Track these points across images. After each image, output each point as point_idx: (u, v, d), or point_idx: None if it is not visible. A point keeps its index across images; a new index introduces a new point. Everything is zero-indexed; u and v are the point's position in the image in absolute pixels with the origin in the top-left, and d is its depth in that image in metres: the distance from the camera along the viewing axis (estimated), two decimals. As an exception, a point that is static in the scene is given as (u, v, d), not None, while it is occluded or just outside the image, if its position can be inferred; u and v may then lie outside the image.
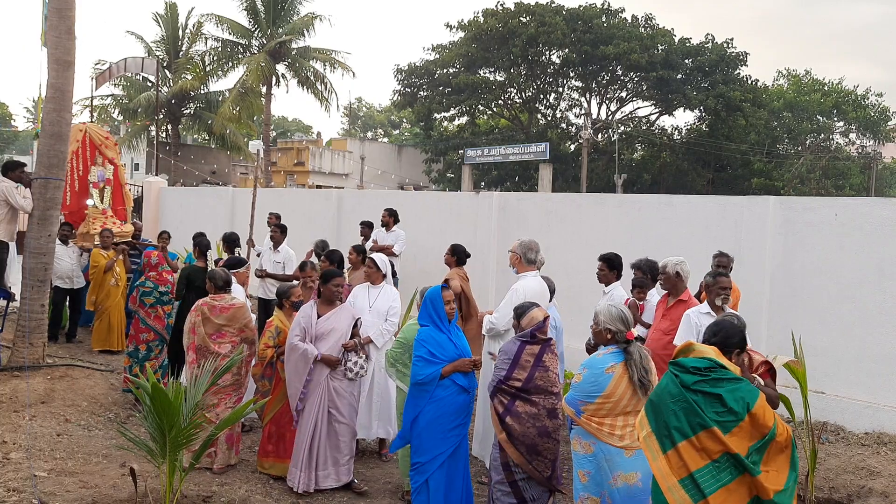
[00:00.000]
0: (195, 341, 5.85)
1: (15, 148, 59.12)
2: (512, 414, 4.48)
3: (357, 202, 13.11)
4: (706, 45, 35.05)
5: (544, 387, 4.50)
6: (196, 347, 5.84)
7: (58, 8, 7.90)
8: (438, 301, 4.91)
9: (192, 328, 5.89)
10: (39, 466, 5.36)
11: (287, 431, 5.68)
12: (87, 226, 10.63)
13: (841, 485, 5.56)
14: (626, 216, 9.01)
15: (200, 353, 5.79)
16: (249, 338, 6.02)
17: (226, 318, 5.91)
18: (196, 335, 5.85)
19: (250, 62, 29.53)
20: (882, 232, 7.02)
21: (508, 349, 4.62)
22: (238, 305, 6.03)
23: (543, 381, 4.51)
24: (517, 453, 4.47)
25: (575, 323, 7.52)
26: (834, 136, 38.61)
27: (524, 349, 4.55)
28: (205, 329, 5.86)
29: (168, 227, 14.16)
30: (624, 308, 4.24)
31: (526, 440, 4.46)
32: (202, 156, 39.64)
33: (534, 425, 4.46)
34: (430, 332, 4.86)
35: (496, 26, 35.74)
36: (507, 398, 4.51)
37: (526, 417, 4.46)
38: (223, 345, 5.85)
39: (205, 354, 5.72)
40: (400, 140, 60.33)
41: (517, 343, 4.60)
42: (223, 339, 5.88)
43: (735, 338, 3.69)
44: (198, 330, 5.85)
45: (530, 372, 4.49)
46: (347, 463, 5.56)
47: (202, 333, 5.84)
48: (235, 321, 5.94)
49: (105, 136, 11.35)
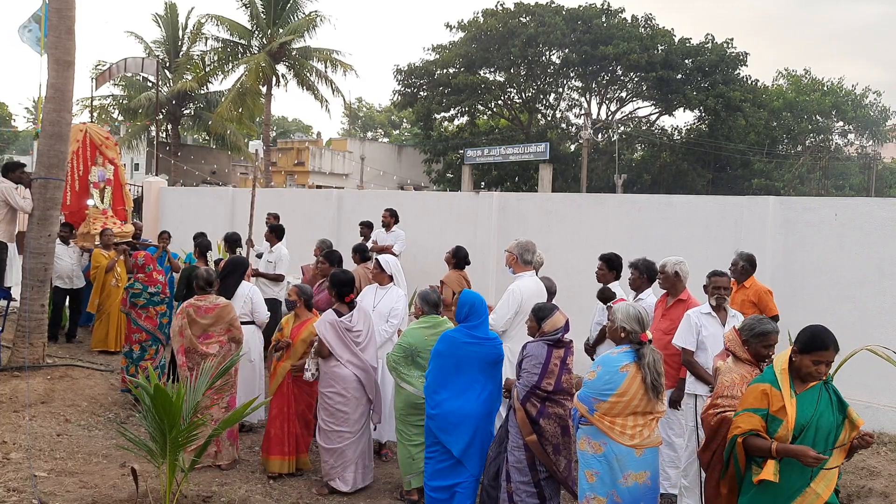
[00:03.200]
0: (183, 344, 5.84)
1: (15, 148, 59.07)
2: (545, 416, 4.58)
3: (357, 202, 13.11)
4: (706, 46, 35.01)
5: (568, 388, 4.64)
6: (185, 350, 5.83)
7: (58, 8, 7.90)
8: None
9: (179, 331, 5.87)
10: (39, 466, 5.36)
11: (272, 427, 5.80)
12: (87, 226, 10.63)
13: (841, 485, 5.54)
14: (626, 216, 9.00)
15: (189, 355, 5.79)
16: (236, 337, 6.02)
17: (211, 318, 5.90)
18: (184, 338, 5.84)
19: (250, 62, 29.51)
20: (882, 232, 7.02)
21: (536, 353, 4.66)
22: (222, 305, 6.01)
23: (567, 383, 4.65)
24: (544, 453, 4.58)
25: (575, 323, 7.44)
26: (833, 137, 38.60)
27: (552, 353, 4.64)
28: (192, 331, 5.85)
29: (168, 227, 14.15)
30: (642, 309, 4.24)
31: (553, 440, 4.59)
32: (202, 156, 39.65)
33: (559, 425, 4.61)
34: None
35: (496, 26, 35.72)
36: (539, 402, 4.60)
37: (555, 418, 4.60)
38: (211, 345, 5.85)
39: (193, 357, 5.73)
40: (400, 140, 60.31)
41: (544, 347, 4.66)
42: (210, 340, 5.88)
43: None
44: (185, 333, 5.85)
45: (558, 376, 4.61)
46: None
47: (189, 336, 5.84)
48: (221, 320, 5.93)
49: (105, 137, 11.35)
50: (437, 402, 4.92)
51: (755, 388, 3.48)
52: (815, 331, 3.47)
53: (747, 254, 6.52)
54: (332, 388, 5.51)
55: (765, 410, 3.40)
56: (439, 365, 4.94)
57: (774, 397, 3.39)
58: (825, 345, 3.39)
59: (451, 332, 5.03)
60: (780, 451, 3.29)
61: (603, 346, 6.02)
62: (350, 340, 5.51)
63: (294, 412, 5.82)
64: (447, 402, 4.89)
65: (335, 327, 5.49)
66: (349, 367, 5.48)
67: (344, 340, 5.49)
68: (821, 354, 3.38)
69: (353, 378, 5.49)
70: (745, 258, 6.46)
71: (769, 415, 3.39)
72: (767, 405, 3.39)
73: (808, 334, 3.46)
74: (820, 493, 3.31)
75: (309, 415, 5.92)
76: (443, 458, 4.97)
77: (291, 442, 5.80)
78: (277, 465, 5.76)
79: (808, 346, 3.41)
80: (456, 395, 4.89)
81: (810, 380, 3.42)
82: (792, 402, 3.36)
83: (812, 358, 3.38)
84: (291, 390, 5.81)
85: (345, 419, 5.51)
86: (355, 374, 5.49)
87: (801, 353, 3.42)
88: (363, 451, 5.61)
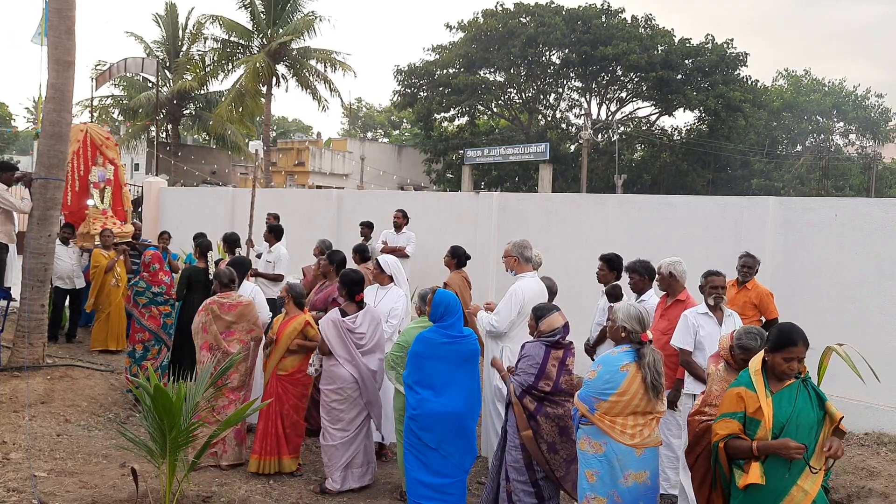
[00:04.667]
0: (208, 340, 5.86)
1: (15, 148, 59.07)
2: (542, 414, 4.61)
3: (357, 202, 13.11)
4: (706, 46, 35.02)
5: (568, 389, 4.64)
6: (209, 346, 5.85)
7: (58, 8, 7.90)
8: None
9: (203, 327, 5.90)
10: (39, 466, 5.36)
11: (258, 426, 5.82)
12: (87, 226, 10.63)
13: (841, 485, 5.55)
14: (626, 216, 9.00)
15: (213, 351, 5.80)
16: (258, 336, 6.04)
17: (234, 315, 5.93)
18: (208, 333, 5.87)
19: (249, 62, 29.51)
20: (882, 232, 7.01)
21: (534, 353, 4.67)
22: (245, 303, 6.05)
23: (567, 384, 4.65)
24: (538, 451, 4.59)
25: (575, 323, 7.44)
26: (834, 137, 38.62)
27: (549, 354, 4.65)
28: (216, 327, 5.87)
29: (168, 227, 14.15)
30: (643, 309, 4.24)
31: (549, 438, 4.61)
32: (202, 156, 39.65)
33: (557, 425, 4.62)
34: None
35: (496, 27, 35.75)
36: (537, 400, 4.62)
37: (553, 418, 4.62)
38: (232, 343, 5.86)
39: (217, 354, 5.73)
40: (400, 140, 60.30)
41: (542, 348, 4.67)
42: (232, 338, 5.89)
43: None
44: (209, 328, 5.87)
45: (556, 377, 4.62)
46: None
47: (214, 331, 5.86)
48: (244, 319, 5.96)
49: (105, 137, 11.35)
50: (417, 402, 4.91)
51: (730, 393, 3.52)
52: (782, 328, 3.52)
53: (756, 257, 6.60)
54: (330, 387, 5.52)
55: (742, 413, 3.42)
56: (417, 365, 4.94)
57: (750, 399, 3.41)
58: (793, 341, 3.42)
59: (426, 332, 5.01)
60: (761, 448, 3.31)
61: (603, 347, 6.02)
62: (351, 342, 5.51)
63: (277, 411, 5.72)
64: (427, 401, 4.88)
65: (337, 326, 5.49)
66: (347, 367, 5.48)
67: (344, 340, 5.49)
68: (790, 351, 3.40)
69: (351, 378, 5.48)
70: (758, 260, 6.55)
71: (747, 417, 3.41)
72: (744, 408, 3.42)
73: (776, 332, 3.51)
74: (808, 491, 3.31)
75: (296, 415, 5.83)
76: (429, 457, 4.95)
77: (272, 442, 5.72)
78: (255, 464, 5.73)
79: (778, 343, 3.44)
80: (436, 394, 4.89)
81: (785, 378, 3.44)
82: (768, 401, 3.38)
83: (783, 355, 3.41)
84: (276, 389, 5.76)
85: (339, 418, 5.51)
86: (353, 375, 5.49)
87: (772, 351, 3.45)
88: (357, 452, 5.58)
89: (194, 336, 6.00)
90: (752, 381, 3.45)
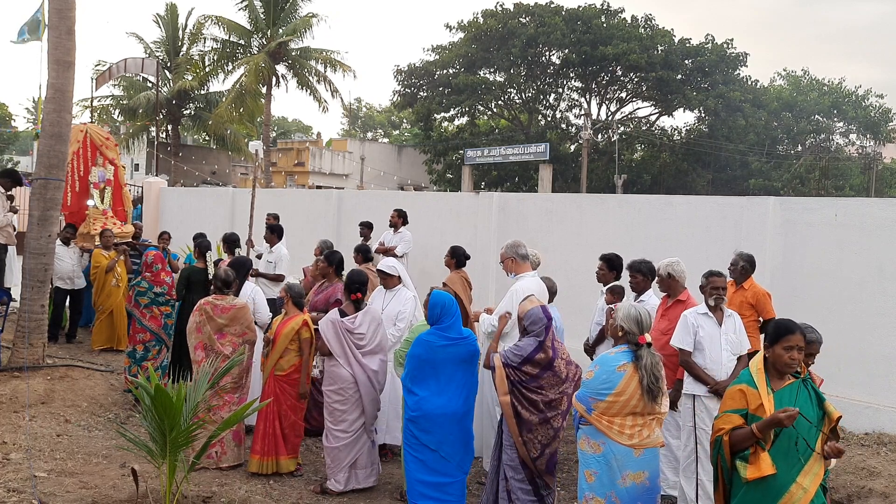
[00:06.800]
0: (202, 340, 5.86)
1: (15, 148, 59.03)
2: (522, 384, 4.60)
3: (357, 202, 13.11)
4: (706, 46, 35.01)
5: (553, 382, 4.63)
6: (203, 346, 5.85)
7: (58, 8, 7.90)
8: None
9: (196, 327, 5.90)
10: (39, 467, 5.37)
11: (256, 426, 5.83)
12: (87, 226, 10.64)
13: (841, 485, 5.56)
14: (626, 216, 9.00)
15: (207, 351, 5.80)
16: (251, 339, 6.03)
17: (227, 318, 5.91)
18: (202, 334, 5.87)
19: (249, 63, 29.52)
20: (882, 232, 7.01)
21: (525, 344, 4.71)
22: (239, 306, 6.03)
23: (551, 380, 4.63)
24: (514, 423, 4.58)
25: (575, 323, 7.51)
26: (834, 137, 38.62)
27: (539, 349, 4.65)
28: (209, 328, 5.87)
29: (168, 227, 14.16)
30: (644, 311, 4.23)
31: (526, 417, 4.59)
32: (202, 156, 39.64)
33: (536, 409, 4.60)
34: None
35: (496, 27, 35.72)
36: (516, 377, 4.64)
37: (535, 399, 4.61)
38: (224, 345, 5.86)
39: (210, 355, 5.73)
40: (400, 140, 60.28)
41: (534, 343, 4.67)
42: (224, 340, 5.89)
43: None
44: (203, 329, 5.87)
45: (552, 355, 4.63)
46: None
47: (208, 332, 5.85)
48: (236, 322, 5.94)
49: (105, 137, 11.36)
50: (416, 402, 4.92)
51: (732, 390, 3.54)
52: (779, 321, 3.61)
53: (747, 254, 6.49)
54: (332, 387, 5.52)
55: (744, 410, 3.44)
56: (416, 367, 4.94)
57: (752, 396, 3.43)
58: (791, 329, 3.47)
59: (425, 335, 5.00)
60: (760, 427, 3.33)
61: (602, 347, 6.03)
62: (350, 342, 5.50)
63: (275, 411, 5.73)
64: (426, 402, 4.88)
65: (336, 327, 5.49)
66: (346, 367, 5.48)
67: (342, 341, 5.49)
68: (789, 339, 3.44)
69: (351, 379, 5.48)
70: (745, 258, 6.43)
71: (749, 414, 3.43)
72: (746, 404, 3.44)
73: (774, 325, 3.57)
74: (807, 488, 3.32)
75: (294, 416, 5.82)
76: (428, 458, 4.95)
77: (269, 442, 5.73)
78: (256, 464, 5.74)
79: (776, 335, 3.48)
80: (435, 395, 4.89)
81: (787, 370, 3.46)
82: (769, 398, 3.40)
83: (782, 346, 3.44)
84: (273, 389, 5.76)
85: (341, 419, 5.51)
86: (353, 376, 5.49)
87: (771, 345, 3.49)
88: (360, 452, 5.58)
89: (188, 335, 6.00)
90: (753, 378, 3.48)
